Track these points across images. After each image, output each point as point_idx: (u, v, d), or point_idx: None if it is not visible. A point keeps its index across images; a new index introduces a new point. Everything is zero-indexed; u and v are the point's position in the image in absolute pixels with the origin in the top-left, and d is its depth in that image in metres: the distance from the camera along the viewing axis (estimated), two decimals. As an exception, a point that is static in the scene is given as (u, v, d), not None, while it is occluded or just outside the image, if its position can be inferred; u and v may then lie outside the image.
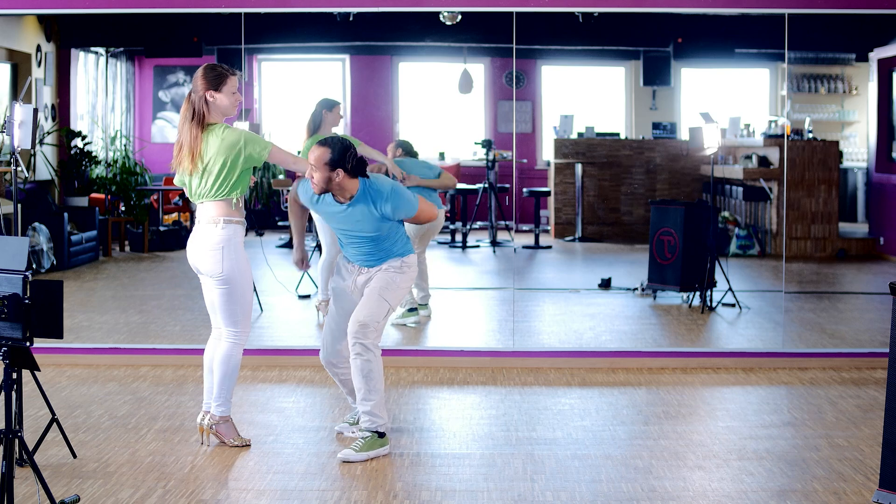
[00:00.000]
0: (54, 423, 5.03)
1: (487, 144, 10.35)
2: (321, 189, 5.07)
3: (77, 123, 10.55)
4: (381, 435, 5.13)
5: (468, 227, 10.67)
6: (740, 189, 11.10)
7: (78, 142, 10.40)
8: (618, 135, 11.72)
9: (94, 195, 10.65)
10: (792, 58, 11.26)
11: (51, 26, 10.25)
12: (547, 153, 11.70)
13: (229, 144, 5.03)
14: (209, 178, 5.07)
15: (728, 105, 11.65)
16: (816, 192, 10.90)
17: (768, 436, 5.49)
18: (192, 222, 10.87)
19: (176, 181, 5.28)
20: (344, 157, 5.01)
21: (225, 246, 5.12)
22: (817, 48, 11.61)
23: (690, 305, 8.76)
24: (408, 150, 8.28)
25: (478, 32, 10.11)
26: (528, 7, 7.16)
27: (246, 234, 5.26)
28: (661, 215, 9.16)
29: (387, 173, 7.70)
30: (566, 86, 12.03)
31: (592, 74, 12.27)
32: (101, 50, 10.81)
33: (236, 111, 5.19)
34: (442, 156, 11.27)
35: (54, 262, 9.72)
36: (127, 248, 10.72)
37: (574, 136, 11.59)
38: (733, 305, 8.56)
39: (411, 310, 8.19)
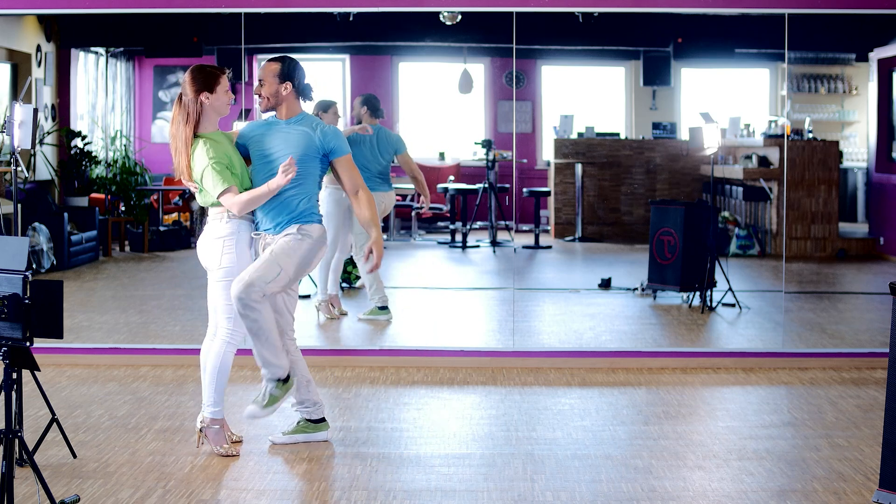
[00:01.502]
0: (54, 423, 5.03)
1: (487, 144, 10.35)
2: (267, 104, 5.11)
3: (77, 123, 10.54)
4: (317, 421, 5.24)
5: (468, 227, 10.67)
6: (740, 189, 11.10)
7: (78, 142, 10.40)
8: (618, 135, 11.72)
9: (94, 195, 10.64)
10: (792, 58, 11.26)
11: (51, 26, 10.25)
12: (547, 153, 11.70)
13: (195, 168, 5.01)
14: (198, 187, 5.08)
15: (728, 105, 11.64)
16: (816, 192, 10.90)
17: (768, 436, 5.49)
18: (192, 222, 10.94)
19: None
20: (295, 73, 5.13)
21: (227, 239, 5.06)
22: (817, 48, 11.60)
23: (690, 305, 8.76)
24: (372, 107, 8.21)
25: (478, 32, 10.10)
26: (528, 7, 7.16)
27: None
28: (661, 215, 9.15)
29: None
30: (566, 86, 12.02)
31: (592, 74, 12.26)
32: (101, 50, 10.80)
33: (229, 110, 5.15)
34: (442, 156, 11.27)
35: (54, 262, 9.72)
36: (127, 248, 10.72)
37: (574, 136, 11.59)
38: (733, 305, 8.55)
39: (382, 308, 8.15)
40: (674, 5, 7.27)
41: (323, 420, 5.35)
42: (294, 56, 5.24)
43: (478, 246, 10.80)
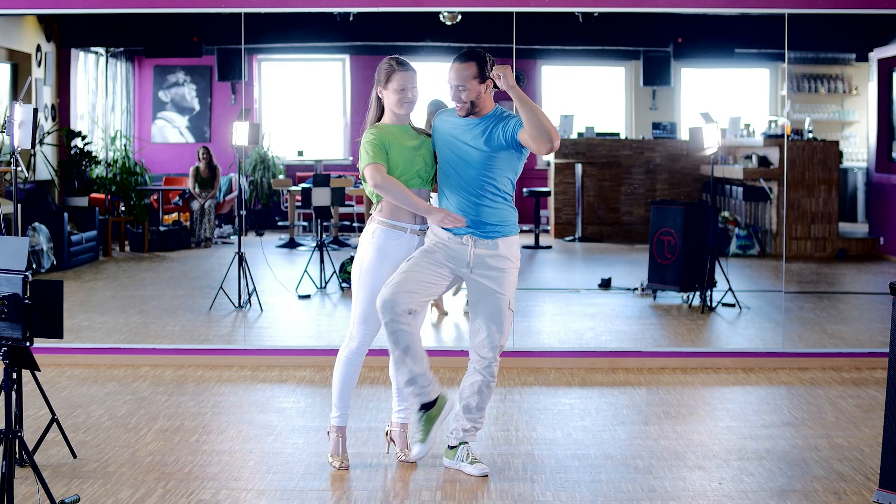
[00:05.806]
0: (54, 423, 5.03)
1: (488, 144, 10.33)
2: (468, 109, 4.73)
3: (77, 123, 10.54)
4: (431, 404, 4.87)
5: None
6: (740, 189, 11.10)
7: (78, 142, 10.40)
8: (618, 135, 11.72)
9: (94, 195, 10.65)
10: (792, 58, 11.26)
11: (51, 26, 10.25)
12: (547, 153, 11.69)
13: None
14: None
15: (728, 105, 11.65)
16: (816, 192, 10.90)
17: (768, 436, 5.49)
18: (192, 222, 10.94)
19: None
20: (487, 68, 4.73)
21: None
22: (817, 48, 11.61)
23: (690, 305, 8.76)
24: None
25: (478, 32, 10.10)
26: (528, 7, 7.16)
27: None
28: (661, 215, 9.15)
29: None
30: (566, 86, 12.03)
31: (592, 74, 12.27)
32: (101, 50, 10.80)
33: (405, 109, 4.92)
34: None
35: (54, 262, 9.71)
36: (127, 248, 10.72)
37: (574, 136, 11.59)
38: (733, 305, 8.55)
39: None
40: (674, 5, 7.26)
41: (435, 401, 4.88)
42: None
43: (478, 246, 10.78)
